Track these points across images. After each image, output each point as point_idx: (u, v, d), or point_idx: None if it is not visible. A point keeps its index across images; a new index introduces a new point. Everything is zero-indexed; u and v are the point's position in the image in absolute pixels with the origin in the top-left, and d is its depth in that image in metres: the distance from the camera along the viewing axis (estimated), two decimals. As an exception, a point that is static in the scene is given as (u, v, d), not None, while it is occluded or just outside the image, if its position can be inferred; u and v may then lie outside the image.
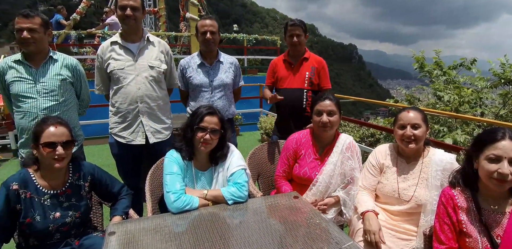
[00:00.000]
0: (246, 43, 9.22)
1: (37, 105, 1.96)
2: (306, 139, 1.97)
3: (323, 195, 1.88)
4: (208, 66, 2.47)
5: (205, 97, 2.44)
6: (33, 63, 1.99)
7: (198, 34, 2.45)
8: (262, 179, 2.41)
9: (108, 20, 8.91)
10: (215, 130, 1.67)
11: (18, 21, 1.90)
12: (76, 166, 1.63)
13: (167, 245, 1.31)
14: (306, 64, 2.55)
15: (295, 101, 2.50)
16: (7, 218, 1.41)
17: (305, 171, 1.90)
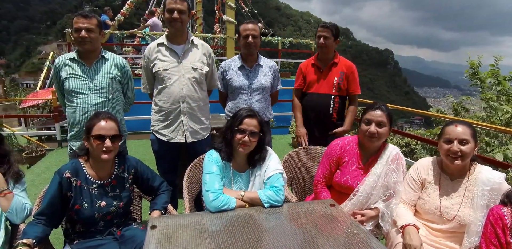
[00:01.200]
0: (280, 46, 9.24)
1: (88, 101, 2.08)
2: (351, 146, 1.92)
3: (363, 206, 1.83)
4: (248, 69, 2.51)
5: (244, 99, 2.48)
6: (86, 62, 2.12)
7: (240, 38, 2.49)
8: (296, 184, 2.40)
9: (149, 21, 9.31)
10: (254, 132, 1.68)
11: (77, 21, 2.04)
12: (122, 159, 1.71)
13: (205, 242, 1.34)
14: (335, 69, 2.53)
15: (322, 106, 2.49)
16: (59, 203, 1.51)
17: (347, 179, 1.86)
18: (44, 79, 9.38)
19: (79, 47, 2.09)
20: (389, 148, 1.88)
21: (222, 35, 8.89)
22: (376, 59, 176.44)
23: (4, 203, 1.52)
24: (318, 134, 2.30)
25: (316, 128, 2.51)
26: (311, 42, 10.22)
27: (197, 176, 2.10)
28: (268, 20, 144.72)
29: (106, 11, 8.57)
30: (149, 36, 8.08)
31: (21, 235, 1.41)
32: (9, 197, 1.53)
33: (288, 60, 9.74)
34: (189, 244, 1.31)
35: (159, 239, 1.33)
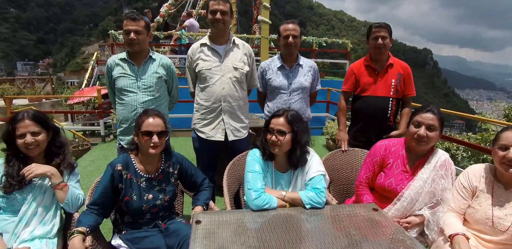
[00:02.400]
0: (315, 46, 9.12)
1: (137, 99, 2.19)
2: (397, 148, 1.85)
3: (407, 212, 1.76)
4: (288, 69, 2.51)
5: (283, 99, 2.48)
6: (135, 62, 2.23)
7: (280, 38, 2.49)
8: (334, 186, 2.36)
9: (186, 22, 9.58)
10: (281, 131, 1.66)
11: (127, 24, 2.15)
12: (168, 154, 1.78)
13: (249, 240, 1.36)
14: (391, 71, 2.42)
15: (379, 109, 2.39)
16: (110, 194, 1.61)
17: (391, 182, 1.80)
18: (88, 77, 9.97)
19: (128, 48, 2.21)
20: (438, 153, 1.79)
21: (257, 35, 8.94)
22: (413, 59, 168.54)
23: (61, 195, 1.63)
24: (376, 138, 2.21)
25: (373, 132, 2.41)
26: (347, 41, 9.99)
27: (236, 174, 2.13)
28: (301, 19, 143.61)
29: (146, 13, 8.92)
30: (186, 36, 8.32)
31: (76, 223, 1.51)
32: (65, 189, 1.64)
33: (324, 60, 9.57)
34: (233, 241, 1.34)
35: (204, 234, 1.37)
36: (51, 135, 1.69)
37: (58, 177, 1.62)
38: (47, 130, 1.66)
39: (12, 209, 1.59)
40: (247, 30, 18.02)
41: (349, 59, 9.83)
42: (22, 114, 1.62)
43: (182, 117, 5.44)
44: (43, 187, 1.63)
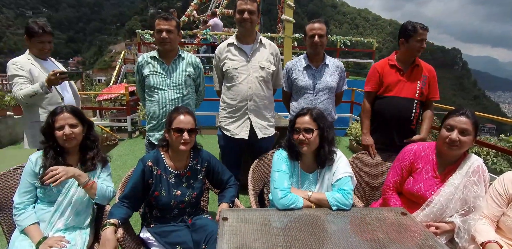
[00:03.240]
0: (339, 45, 8.97)
1: (167, 96, 2.25)
2: (427, 153, 1.79)
3: (437, 218, 1.70)
4: (314, 69, 2.48)
5: (309, 99, 2.46)
6: (165, 60, 2.28)
7: (306, 37, 2.47)
8: (360, 188, 2.32)
9: (210, 22, 9.71)
10: (307, 129, 1.65)
11: (159, 23, 2.21)
12: (196, 152, 1.82)
13: (275, 239, 1.36)
14: (417, 72, 2.33)
15: (403, 111, 2.30)
16: (141, 189, 1.66)
17: (420, 188, 1.74)
18: (116, 75, 10.32)
19: (159, 47, 2.27)
20: (471, 158, 1.72)
21: (280, 35, 8.91)
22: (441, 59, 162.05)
23: (91, 192, 1.68)
24: (399, 141, 2.14)
25: (396, 134, 2.33)
26: (373, 40, 9.75)
27: (261, 173, 2.14)
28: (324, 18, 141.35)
29: (172, 13, 9.12)
30: (210, 35, 8.42)
31: (108, 215, 1.57)
32: (94, 186, 1.68)
33: (348, 59, 9.38)
34: (259, 239, 1.35)
35: (231, 231, 1.39)
36: (86, 129, 1.77)
37: (85, 177, 1.66)
38: (83, 124, 1.73)
39: (48, 200, 1.68)
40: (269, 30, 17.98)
41: (374, 59, 9.61)
42: (61, 108, 1.71)
43: (205, 115, 5.52)
44: None
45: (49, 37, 2.36)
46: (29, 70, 2.29)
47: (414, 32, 2.23)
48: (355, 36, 11.38)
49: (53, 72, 2.11)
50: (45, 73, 2.33)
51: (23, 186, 1.66)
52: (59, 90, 2.40)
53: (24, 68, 2.28)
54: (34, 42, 2.33)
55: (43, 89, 2.15)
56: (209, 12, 12.12)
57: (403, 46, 2.31)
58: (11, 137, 6.34)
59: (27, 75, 2.28)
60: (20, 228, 1.61)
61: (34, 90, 2.17)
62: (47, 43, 2.36)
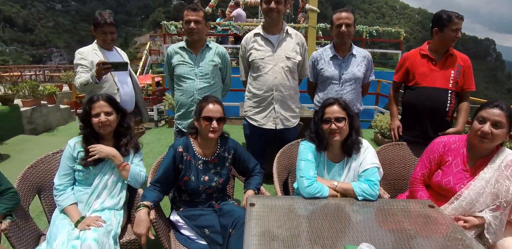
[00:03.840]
0: (365, 35, 8.70)
1: (194, 85, 2.30)
2: (457, 146, 1.74)
3: (466, 212, 1.66)
4: (340, 59, 2.44)
5: (334, 89, 2.43)
6: (193, 50, 2.33)
7: (332, 27, 2.42)
8: (385, 181, 2.29)
9: (233, 12, 9.69)
10: (339, 118, 1.65)
11: (187, 14, 2.24)
12: (223, 140, 1.87)
13: (301, 226, 1.39)
14: (451, 61, 2.23)
15: (437, 102, 2.21)
16: (172, 174, 1.73)
17: (449, 181, 1.70)
18: (142, 66, 10.56)
19: (188, 37, 2.31)
20: (504, 152, 1.65)
21: (304, 24, 8.75)
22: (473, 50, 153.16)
23: (124, 173, 1.79)
24: (433, 133, 2.08)
25: (430, 126, 2.25)
26: (401, 30, 9.37)
27: (285, 163, 2.16)
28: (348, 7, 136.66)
29: (196, 4, 9.16)
30: (233, 26, 8.41)
31: (141, 198, 1.65)
32: (127, 168, 1.80)
33: (374, 50, 9.07)
34: (285, 224, 1.39)
35: (258, 216, 1.43)
36: (120, 117, 1.85)
37: (119, 158, 1.78)
38: (117, 112, 1.82)
39: (86, 182, 1.79)
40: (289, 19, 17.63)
41: (401, 49, 9.25)
42: (97, 96, 1.79)
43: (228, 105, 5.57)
44: (112, 164, 1.80)
45: (111, 28, 2.38)
46: (92, 60, 2.34)
47: (449, 21, 2.14)
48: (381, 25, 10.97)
49: (98, 62, 2.17)
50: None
51: (62, 169, 1.78)
52: (116, 81, 2.43)
53: (87, 57, 2.35)
54: (98, 32, 2.38)
55: (93, 79, 2.21)
56: (232, 3, 12.06)
57: (437, 36, 2.22)
58: (45, 124, 6.69)
59: (88, 65, 2.34)
60: (60, 207, 1.73)
61: (86, 79, 2.24)
62: (109, 33, 2.38)
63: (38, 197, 1.90)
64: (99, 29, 2.35)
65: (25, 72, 14.75)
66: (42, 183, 1.92)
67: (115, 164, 1.77)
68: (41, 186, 1.91)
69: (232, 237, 1.57)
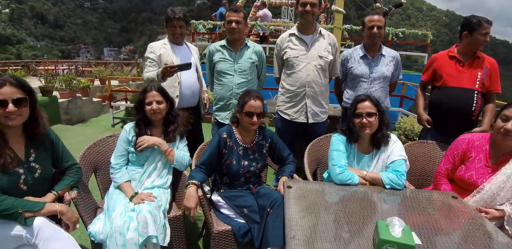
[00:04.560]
0: (391, 37, 8.66)
1: (233, 80, 2.49)
2: (480, 143, 1.85)
3: (487, 205, 1.76)
4: (370, 58, 2.56)
5: (364, 87, 2.55)
6: (233, 48, 2.52)
7: (364, 28, 2.55)
8: (410, 176, 2.40)
9: (259, 12, 9.89)
10: (370, 113, 1.80)
11: (229, 15, 2.44)
12: (261, 130, 2.05)
13: (334, 207, 1.55)
14: (478, 63, 2.33)
15: (463, 102, 2.31)
16: (216, 157, 1.93)
17: (471, 175, 1.81)
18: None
19: (229, 35, 2.50)
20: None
21: (330, 25, 8.82)
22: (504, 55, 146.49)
23: (170, 158, 2.00)
24: (458, 132, 2.15)
25: (456, 125, 2.34)
26: (428, 32, 9.26)
27: (315, 155, 2.32)
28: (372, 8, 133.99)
29: (224, 4, 9.43)
30: (259, 26, 8.60)
31: (189, 178, 1.85)
32: (172, 153, 2.00)
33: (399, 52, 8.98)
34: (320, 204, 1.55)
35: (295, 197, 1.60)
36: (169, 106, 2.06)
37: (165, 145, 1.99)
38: (167, 101, 2.03)
39: (139, 163, 2.01)
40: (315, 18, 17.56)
41: (427, 52, 9.14)
42: (150, 87, 2.01)
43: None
44: None
45: (179, 22, 2.47)
46: (160, 54, 2.50)
47: (479, 25, 2.23)
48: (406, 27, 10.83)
49: (165, 66, 2.28)
50: (175, 58, 2.52)
51: (118, 150, 2.01)
52: (179, 74, 2.51)
53: (155, 51, 2.52)
54: (168, 27, 2.51)
55: (158, 78, 2.37)
56: (258, 2, 12.25)
57: (466, 40, 2.31)
58: (79, 115, 7.12)
59: (155, 59, 2.51)
60: (115, 184, 1.96)
61: (153, 77, 2.43)
62: (178, 28, 2.48)
63: (93, 175, 2.15)
64: (169, 23, 2.49)
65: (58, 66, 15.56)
66: (98, 162, 2.17)
67: (161, 150, 1.98)
68: (97, 165, 2.16)
69: (270, 216, 1.74)
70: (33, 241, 1.42)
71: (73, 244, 1.50)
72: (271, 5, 14.48)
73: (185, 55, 2.60)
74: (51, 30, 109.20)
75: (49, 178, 1.69)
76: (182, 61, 2.50)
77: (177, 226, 1.92)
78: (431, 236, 1.34)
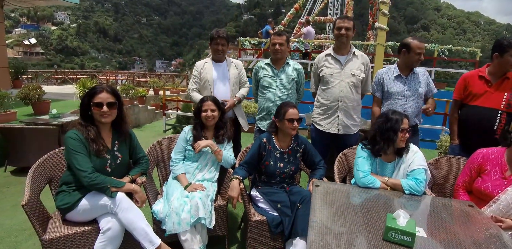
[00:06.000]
0: (436, 54, 8.54)
1: (275, 94, 2.87)
2: (495, 156, 2.00)
3: (503, 215, 1.88)
4: (404, 77, 2.74)
5: (399, 104, 2.72)
6: (276, 66, 2.91)
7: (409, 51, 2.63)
8: (436, 188, 2.54)
9: (303, 30, 10.33)
10: (407, 129, 2.03)
11: (274, 38, 2.85)
12: (297, 137, 2.38)
13: (355, 206, 1.81)
14: (506, 84, 2.44)
15: (485, 121, 2.44)
16: (257, 158, 2.28)
17: (487, 186, 1.96)
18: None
19: (272, 55, 2.90)
20: None
21: (373, 42, 8.96)
22: None
23: (218, 157, 2.39)
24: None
25: (479, 142, 2.39)
26: (477, 49, 8.96)
27: (345, 163, 2.57)
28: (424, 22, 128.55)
29: (270, 22, 10.04)
30: (302, 43, 9.00)
31: (233, 173, 2.22)
32: (221, 153, 2.40)
33: (445, 69, 8.79)
34: (344, 203, 1.82)
35: (322, 194, 1.88)
36: (221, 114, 2.48)
37: (215, 146, 2.38)
38: (219, 110, 2.45)
39: (193, 159, 2.44)
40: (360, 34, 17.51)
41: (477, 70, 8.78)
42: (207, 97, 2.45)
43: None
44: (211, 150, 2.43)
45: (222, 40, 2.88)
46: (201, 71, 2.98)
47: (509, 47, 2.37)
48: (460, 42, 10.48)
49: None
50: (212, 73, 2.94)
51: (178, 147, 2.45)
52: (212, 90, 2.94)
53: (198, 69, 3.01)
54: (212, 44, 2.94)
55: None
56: (302, 19, 12.74)
57: (497, 60, 2.45)
58: (136, 121, 7.95)
59: (197, 75, 3.02)
60: (173, 175, 2.40)
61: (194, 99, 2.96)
62: (220, 45, 2.90)
63: (155, 168, 2.62)
64: (213, 41, 2.93)
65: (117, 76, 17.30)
66: (160, 157, 2.64)
67: (212, 150, 2.38)
68: (159, 159, 2.63)
69: (299, 210, 2.03)
70: (115, 210, 1.86)
71: (143, 216, 1.93)
72: (315, 21, 14.91)
73: (222, 71, 3.02)
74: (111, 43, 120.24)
75: (126, 165, 2.16)
76: (218, 75, 2.96)
77: (221, 214, 2.28)
78: (437, 233, 1.54)
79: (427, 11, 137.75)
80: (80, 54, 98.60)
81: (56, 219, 1.98)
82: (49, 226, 1.89)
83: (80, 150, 1.88)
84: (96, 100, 1.94)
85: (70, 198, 1.88)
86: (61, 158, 2.14)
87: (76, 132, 1.92)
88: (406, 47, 2.67)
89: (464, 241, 1.48)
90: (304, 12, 15.43)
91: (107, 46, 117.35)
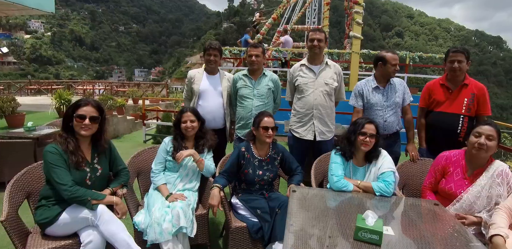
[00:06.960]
0: (408, 61, 8.97)
1: (253, 103, 2.97)
2: (457, 158, 2.17)
3: (466, 212, 2.04)
4: (382, 88, 2.86)
5: (379, 115, 2.83)
6: (253, 77, 3.02)
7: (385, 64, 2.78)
8: (407, 190, 2.70)
9: (281, 39, 10.59)
10: (372, 134, 2.16)
11: (250, 50, 2.97)
12: (274, 145, 2.48)
13: (330, 209, 1.91)
14: (465, 90, 2.63)
15: (449, 125, 2.62)
16: (236, 167, 2.36)
17: (451, 187, 2.12)
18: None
19: (249, 66, 3.01)
20: (496, 163, 2.06)
21: (348, 50, 9.30)
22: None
23: (200, 166, 2.44)
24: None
25: (444, 145, 2.54)
26: (444, 57, 9.45)
27: (321, 168, 2.68)
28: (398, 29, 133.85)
29: (248, 31, 10.23)
30: (281, 51, 9.22)
31: (213, 182, 2.28)
32: (203, 162, 2.45)
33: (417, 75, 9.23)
34: (319, 206, 1.92)
35: (298, 199, 1.98)
36: (200, 124, 2.54)
37: (197, 155, 2.43)
38: (198, 120, 2.51)
39: (174, 170, 2.48)
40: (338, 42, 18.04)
41: (446, 75, 9.26)
42: (186, 108, 2.52)
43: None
44: (191, 159, 2.48)
45: (214, 51, 2.96)
46: (191, 80, 3.06)
47: (447, 54, 2.63)
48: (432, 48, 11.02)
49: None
50: (202, 84, 3.01)
51: (158, 158, 2.49)
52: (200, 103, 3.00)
53: (189, 78, 3.10)
54: (205, 55, 3.01)
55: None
56: (280, 28, 13.04)
57: (446, 68, 2.69)
58: (114, 132, 7.83)
59: (189, 84, 3.09)
60: (154, 186, 2.43)
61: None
62: (212, 55, 2.97)
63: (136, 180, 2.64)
64: (206, 52, 3.01)
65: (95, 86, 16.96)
66: (140, 169, 2.66)
67: (194, 159, 2.43)
68: (140, 170, 2.65)
69: (278, 215, 2.11)
70: (96, 222, 1.88)
71: (124, 228, 1.96)
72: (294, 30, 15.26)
73: (213, 83, 3.09)
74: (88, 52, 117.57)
75: (107, 177, 2.18)
76: (210, 87, 3.04)
77: (202, 222, 2.33)
78: (405, 231, 1.67)
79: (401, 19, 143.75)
80: (55, 63, 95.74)
81: (35, 234, 1.96)
82: (28, 241, 1.88)
83: (60, 163, 1.89)
84: (80, 112, 1.97)
85: (50, 212, 1.88)
86: (39, 173, 2.13)
87: (55, 146, 1.93)
88: (382, 60, 2.81)
89: (430, 237, 1.61)
90: (283, 21, 15.77)
91: (84, 55, 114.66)
